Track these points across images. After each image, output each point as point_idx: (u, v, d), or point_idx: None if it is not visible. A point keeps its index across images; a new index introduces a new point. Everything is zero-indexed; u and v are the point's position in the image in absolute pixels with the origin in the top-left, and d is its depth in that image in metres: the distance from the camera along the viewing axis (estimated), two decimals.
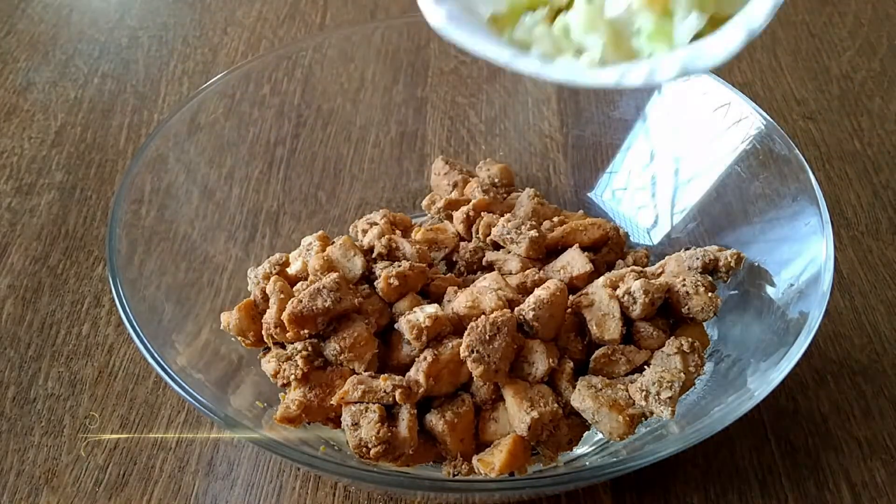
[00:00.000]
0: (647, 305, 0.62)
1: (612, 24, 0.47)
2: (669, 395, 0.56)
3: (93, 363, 0.74)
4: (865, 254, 0.82)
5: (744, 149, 0.72)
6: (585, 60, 0.47)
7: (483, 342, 0.58)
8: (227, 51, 1.10)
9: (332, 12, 1.17)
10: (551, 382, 0.61)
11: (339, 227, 0.82)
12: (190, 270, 0.70)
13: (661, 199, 0.80)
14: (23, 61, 1.09)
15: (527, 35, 0.50)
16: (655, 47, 0.46)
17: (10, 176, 0.92)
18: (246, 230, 0.78)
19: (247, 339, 0.64)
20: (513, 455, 0.56)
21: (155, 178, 0.70)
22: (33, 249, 0.84)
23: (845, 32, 1.11)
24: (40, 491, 0.65)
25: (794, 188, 0.67)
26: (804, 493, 0.64)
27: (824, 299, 0.58)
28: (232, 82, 0.78)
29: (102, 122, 0.99)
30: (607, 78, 0.46)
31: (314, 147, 0.86)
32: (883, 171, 0.91)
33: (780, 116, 0.98)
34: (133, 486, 0.65)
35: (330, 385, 0.60)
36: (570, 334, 0.63)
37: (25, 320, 0.78)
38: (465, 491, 0.57)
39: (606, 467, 0.57)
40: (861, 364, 0.73)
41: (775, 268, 0.67)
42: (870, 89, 1.01)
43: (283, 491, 0.65)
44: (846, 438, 0.68)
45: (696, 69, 0.43)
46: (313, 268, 0.65)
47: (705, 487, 0.65)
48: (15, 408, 0.71)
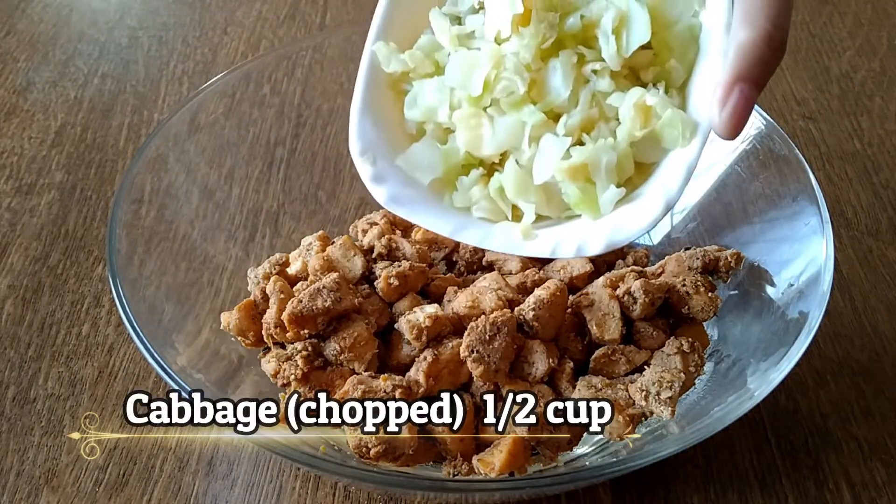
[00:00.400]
0: (647, 305, 0.62)
1: (542, 186, 0.50)
2: (669, 395, 0.56)
3: (93, 363, 0.74)
4: (865, 254, 0.82)
5: (744, 149, 0.72)
6: (520, 231, 0.50)
7: (483, 342, 0.58)
8: (227, 51, 1.10)
9: (332, 12, 1.17)
10: (551, 382, 0.61)
11: (339, 227, 0.82)
12: (190, 270, 0.70)
13: None
14: (23, 61, 1.09)
15: (466, 199, 0.53)
16: (582, 211, 0.49)
17: (10, 176, 0.92)
18: (246, 230, 0.78)
19: (247, 339, 0.64)
20: (513, 455, 0.56)
21: (155, 178, 0.70)
22: (33, 249, 0.84)
23: (845, 32, 1.11)
24: (40, 491, 0.65)
25: (794, 188, 0.67)
26: (804, 493, 0.64)
27: (824, 299, 0.58)
28: (232, 82, 0.78)
29: (102, 122, 0.99)
30: (541, 250, 0.49)
31: (314, 147, 0.86)
32: (883, 171, 0.91)
33: (780, 116, 0.98)
34: (133, 486, 0.65)
35: (330, 385, 0.60)
36: (570, 334, 0.63)
37: (25, 320, 0.78)
38: (465, 491, 0.57)
39: (606, 467, 0.57)
40: (861, 364, 0.73)
41: (775, 268, 0.67)
42: (870, 89, 1.01)
43: (283, 491, 0.65)
44: (846, 438, 0.68)
45: (621, 242, 0.48)
46: (313, 268, 0.65)
47: (705, 487, 0.65)
48: (15, 408, 0.71)
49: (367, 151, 0.53)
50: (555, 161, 0.49)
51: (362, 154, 0.53)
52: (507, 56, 0.50)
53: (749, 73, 0.44)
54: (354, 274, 0.65)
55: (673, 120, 0.48)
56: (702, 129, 0.48)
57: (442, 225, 0.53)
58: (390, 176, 0.53)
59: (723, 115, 0.44)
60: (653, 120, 0.48)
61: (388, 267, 0.65)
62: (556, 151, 0.49)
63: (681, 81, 0.50)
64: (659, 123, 0.48)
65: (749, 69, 0.44)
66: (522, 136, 0.51)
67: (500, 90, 0.50)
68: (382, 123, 0.55)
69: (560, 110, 0.51)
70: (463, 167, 0.54)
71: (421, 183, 0.54)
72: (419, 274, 0.65)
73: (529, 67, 0.50)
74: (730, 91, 0.44)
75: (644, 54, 0.50)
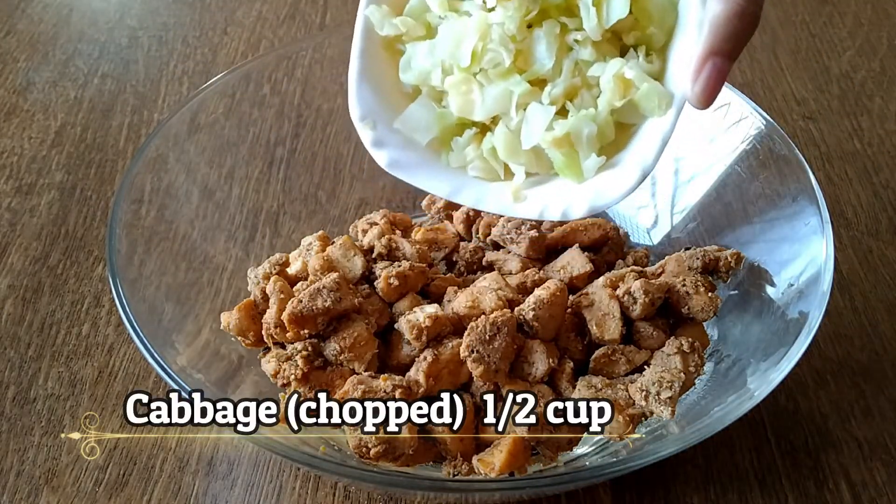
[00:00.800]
0: (647, 305, 0.62)
1: (531, 149, 0.53)
2: (669, 395, 0.56)
3: (93, 363, 0.74)
4: (865, 254, 0.82)
5: (744, 149, 0.72)
6: (511, 192, 0.54)
7: (483, 342, 0.58)
8: (227, 51, 1.10)
9: (332, 12, 1.17)
10: (551, 382, 0.61)
11: (339, 227, 0.82)
12: (190, 270, 0.70)
13: (661, 199, 0.80)
14: (23, 61, 1.09)
15: (461, 159, 0.55)
16: (567, 177, 0.53)
17: (10, 176, 0.92)
18: (246, 230, 0.78)
19: (247, 339, 0.64)
20: (513, 455, 0.56)
21: (155, 178, 0.70)
22: (33, 249, 0.84)
23: (845, 32, 1.11)
24: (40, 491, 0.65)
25: (794, 188, 0.67)
26: (804, 493, 0.64)
27: (824, 299, 0.58)
28: (232, 82, 0.78)
29: (102, 122, 0.99)
30: (530, 212, 0.53)
31: (314, 147, 0.86)
32: (883, 171, 0.91)
33: (780, 116, 0.98)
34: (133, 486, 0.65)
35: (330, 385, 0.60)
36: (570, 334, 0.63)
37: (25, 320, 0.78)
38: (465, 491, 0.57)
39: (606, 467, 0.57)
40: (861, 364, 0.73)
41: (775, 268, 0.67)
42: (870, 89, 1.01)
43: (283, 491, 0.65)
44: (846, 438, 0.68)
45: (602, 207, 0.51)
46: (313, 268, 0.65)
47: (705, 487, 0.65)
48: (15, 408, 0.71)
49: (366, 117, 0.55)
50: (540, 130, 0.52)
51: (362, 119, 0.55)
52: (493, 27, 0.52)
53: (721, 46, 0.46)
54: (354, 274, 0.65)
55: (650, 93, 0.50)
56: (677, 100, 0.50)
57: (440, 186, 0.55)
58: (390, 140, 0.55)
59: (696, 88, 0.47)
60: (631, 90, 0.51)
61: (388, 267, 0.65)
62: (542, 121, 0.52)
63: (661, 45, 0.52)
64: (637, 94, 0.51)
65: (721, 43, 0.46)
66: (510, 104, 0.53)
67: (487, 61, 0.53)
68: (380, 87, 0.56)
69: (545, 77, 0.53)
70: (457, 126, 0.56)
71: (419, 144, 0.56)
72: (419, 274, 0.65)
73: (515, 38, 0.52)
74: (703, 65, 0.46)
75: (625, 20, 0.52)
